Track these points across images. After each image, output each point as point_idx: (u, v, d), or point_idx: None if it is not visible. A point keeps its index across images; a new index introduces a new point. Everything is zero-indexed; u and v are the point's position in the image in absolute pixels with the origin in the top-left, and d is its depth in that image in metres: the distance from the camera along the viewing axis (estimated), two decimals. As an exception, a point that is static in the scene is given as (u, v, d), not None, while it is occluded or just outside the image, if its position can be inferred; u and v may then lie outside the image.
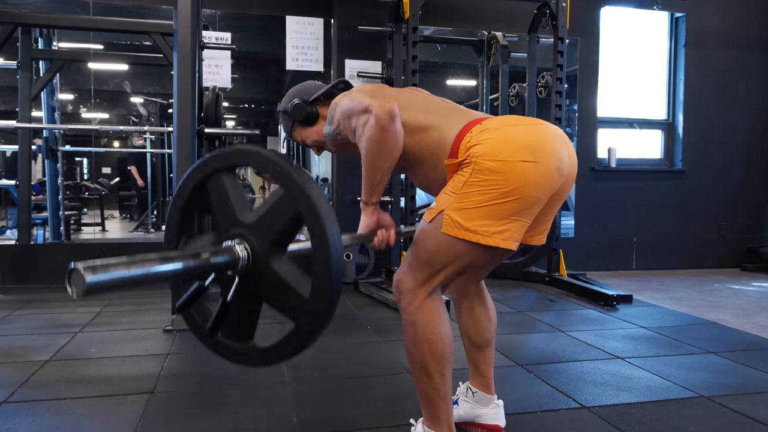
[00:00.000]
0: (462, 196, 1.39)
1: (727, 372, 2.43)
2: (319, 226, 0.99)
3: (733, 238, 5.44)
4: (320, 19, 4.53)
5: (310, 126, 1.71)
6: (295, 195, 1.01)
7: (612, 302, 3.67)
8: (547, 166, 1.38)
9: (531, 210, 1.41)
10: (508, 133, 1.40)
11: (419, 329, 1.46)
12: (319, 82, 1.76)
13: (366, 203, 1.49)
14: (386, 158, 1.41)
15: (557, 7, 4.18)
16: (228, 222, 1.11)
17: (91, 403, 2.01)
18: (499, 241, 1.39)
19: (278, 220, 1.05)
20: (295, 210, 1.02)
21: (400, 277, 1.51)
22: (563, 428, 1.85)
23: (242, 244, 1.07)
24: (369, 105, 1.39)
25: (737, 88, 5.37)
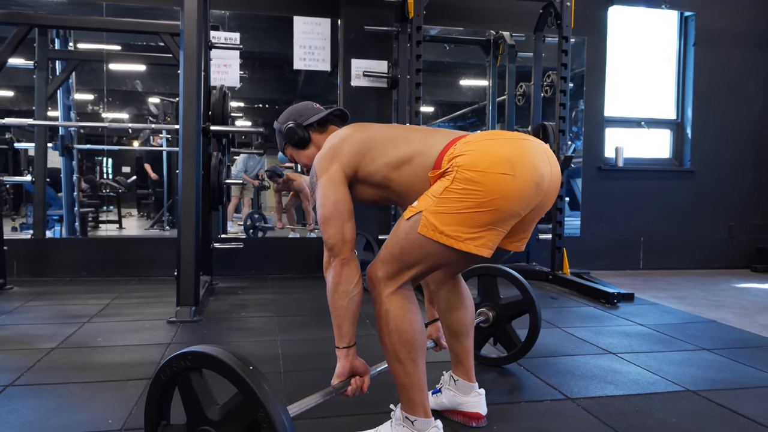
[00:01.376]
0: (441, 200, 1.44)
1: (717, 368, 2.44)
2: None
3: (743, 238, 5.39)
4: (327, 19, 4.60)
5: (302, 149, 1.78)
6: (251, 401, 1.11)
7: (613, 300, 3.68)
8: (525, 180, 1.42)
9: (506, 222, 1.46)
10: (489, 146, 1.45)
11: (390, 318, 1.52)
12: (318, 105, 1.82)
13: (338, 348, 1.55)
14: (344, 296, 1.51)
15: (562, 7, 4.19)
16: (197, 418, 1.22)
17: (91, 388, 2.09)
18: (471, 247, 1.44)
19: (239, 423, 1.15)
20: (254, 416, 1.12)
21: (374, 269, 1.57)
22: (545, 417, 1.89)
23: None
24: (332, 246, 1.51)
25: (747, 87, 5.33)
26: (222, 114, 3.79)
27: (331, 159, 1.58)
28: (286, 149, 1.82)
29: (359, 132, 1.64)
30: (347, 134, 1.63)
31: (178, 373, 1.24)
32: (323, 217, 1.54)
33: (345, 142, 1.60)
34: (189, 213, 3.20)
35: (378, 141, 1.60)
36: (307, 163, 1.80)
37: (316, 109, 1.80)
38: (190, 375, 1.23)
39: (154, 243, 4.85)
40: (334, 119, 1.80)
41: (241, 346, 2.67)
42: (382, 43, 4.62)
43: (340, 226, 1.53)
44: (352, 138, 1.61)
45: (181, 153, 3.22)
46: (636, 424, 1.83)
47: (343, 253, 1.52)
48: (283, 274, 4.59)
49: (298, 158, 1.81)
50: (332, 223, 1.53)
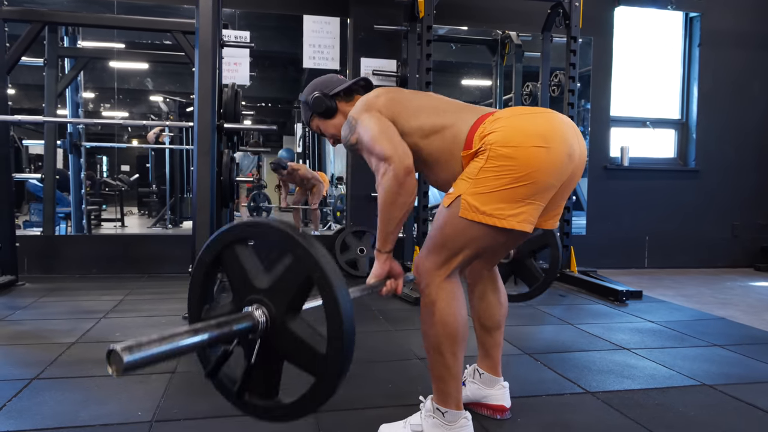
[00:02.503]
0: (478, 181, 1.46)
1: (731, 363, 2.47)
2: (328, 288, 1.08)
3: (747, 237, 5.44)
4: (337, 18, 4.63)
5: (329, 119, 1.78)
6: (304, 261, 1.10)
7: (621, 298, 3.71)
8: (558, 151, 1.45)
9: (544, 194, 1.48)
10: (520, 121, 1.48)
11: (437, 309, 1.54)
12: (341, 77, 1.84)
13: (380, 251, 1.56)
14: (401, 209, 1.49)
15: (570, 7, 4.22)
16: (245, 289, 1.20)
17: (116, 381, 2.11)
18: (514, 223, 1.46)
19: (291, 284, 1.15)
20: (306, 275, 1.12)
21: (420, 261, 1.58)
22: (566, 410, 1.92)
23: (260, 308, 1.16)
24: (389, 156, 1.47)
25: (752, 88, 5.37)
26: (234, 112, 3.81)
27: (368, 108, 1.60)
28: (312, 120, 1.82)
29: (393, 93, 1.67)
30: (380, 92, 1.66)
31: (223, 250, 1.22)
32: (372, 139, 1.53)
33: (379, 98, 1.63)
34: (204, 209, 3.22)
35: (414, 106, 1.63)
36: (334, 133, 1.80)
37: (341, 80, 1.81)
38: (236, 249, 1.22)
39: (163, 240, 4.87)
40: (359, 89, 1.81)
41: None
42: (392, 42, 4.65)
43: (389, 140, 1.52)
44: (387, 95, 1.64)
45: (196, 150, 3.24)
46: (657, 416, 1.86)
47: (405, 161, 1.49)
48: (292, 272, 4.61)
49: (324, 128, 1.81)
50: (384, 140, 1.52)
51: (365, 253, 4.53)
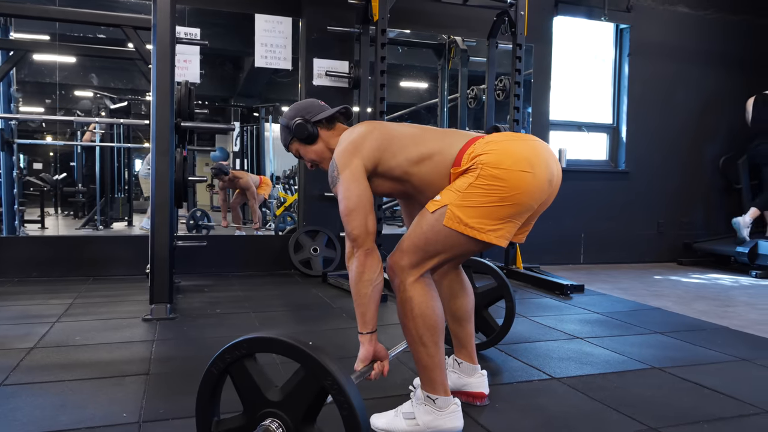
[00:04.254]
0: (466, 195, 1.57)
1: (673, 348, 2.71)
2: (344, 397, 1.16)
3: (671, 234, 5.87)
4: (289, 18, 4.63)
5: (309, 145, 1.84)
6: (317, 373, 1.18)
7: (566, 291, 3.95)
8: (541, 176, 1.58)
9: (523, 215, 1.62)
10: (511, 146, 1.60)
11: (414, 304, 1.62)
12: (322, 103, 1.90)
13: (362, 333, 1.63)
14: (368, 285, 1.59)
15: (516, 15, 4.43)
16: (257, 402, 1.26)
17: (90, 384, 2.07)
18: (492, 238, 1.58)
19: (305, 396, 1.22)
20: (320, 386, 1.19)
21: (395, 259, 1.67)
22: (538, 395, 2.06)
23: (275, 422, 1.23)
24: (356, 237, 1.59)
25: (676, 96, 5.81)
26: (188, 110, 3.75)
27: (352, 154, 1.67)
28: (292, 144, 1.88)
29: (378, 129, 1.73)
30: (367, 131, 1.72)
31: (231, 364, 1.28)
32: (347, 210, 1.63)
33: (366, 138, 1.69)
34: (163, 209, 3.17)
35: (398, 138, 1.71)
36: (314, 159, 1.87)
37: (323, 106, 1.87)
38: (245, 363, 1.28)
39: (106, 242, 4.70)
40: (339, 116, 1.88)
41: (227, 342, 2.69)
42: (344, 43, 4.70)
43: (363, 217, 1.62)
44: (373, 134, 1.71)
45: (154, 150, 3.18)
46: (618, 397, 2.03)
47: (366, 244, 1.61)
48: (246, 272, 4.58)
49: (304, 153, 1.87)
50: (356, 215, 1.62)
51: (319, 252, 4.56)
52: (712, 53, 5.88)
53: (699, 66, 5.85)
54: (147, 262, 4.25)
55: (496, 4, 4.41)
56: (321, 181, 4.70)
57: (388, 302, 3.55)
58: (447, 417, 1.65)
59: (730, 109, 5.78)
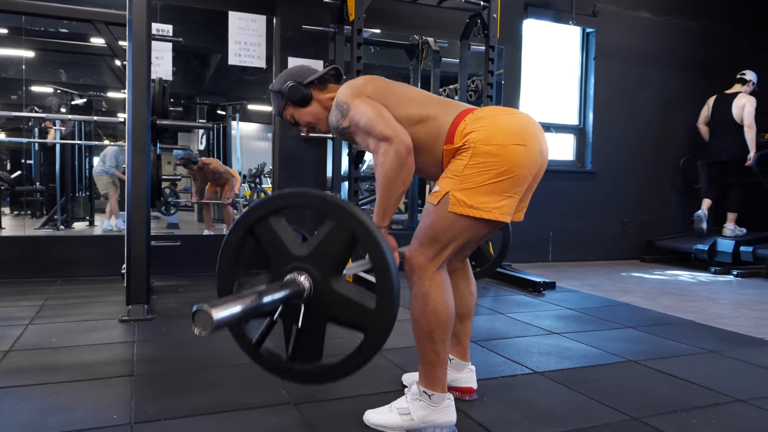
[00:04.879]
0: (464, 177, 1.60)
1: (645, 341, 2.81)
2: (375, 244, 1.15)
3: (634, 232, 6.07)
4: (263, 16, 4.60)
5: (303, 107, 1.85)
6: (348, 222, 1.15)
7: (539, 288, 4.04)
8: (533, 148, 1.63)
9: (521, 187, 1.65)
10: (501, 121, 1.64)
11: (430, 299, 1.65)
12: (311, 66, 1.91)
13: (379, 226, 1.61)
14: (402, 184, 1.59)
15: (489, 18, 4.50)
16: (284, 258, 1.23)
17: (75, 387, 2.03)
18: (497, 215, 1.62)
19: (334, 247, 1.19)
20: (350, 235, 1.16)
21: (412, 255, 1.68)
22: (524, 389, 2.12)
23: (302, 274, 1.20)
24: (390, 136, 1.56)
25: (640, 99, 6.00)
26: (162, 107, 3.69)
27: (358, 93, 1.68)
28: (286, 109, 1.87)
29: (378, 81, 1.76)
30: (369, 81, 1.74)
31: (256, 223, 1.23)
32: (369, 120, 1.61)
33: (366, 86, 1.72)
34: (140, 208, 3.12)
35: (397, 93, 1.73)
36: (309, 120, 1.87)
37: (312, 69, 1.88)
38: (270, 220, 1.24)
39: (74, 242, 4.59)
40: (330, 78, 1.89)
41: (213, 342, 2.67)
42: (319, 42, 4.70)
43: (387, 122, 1.61)
44: (375, 85, 1.73)
45: (130, 148, 3.12)
46: (600, 389, 2.11)
47: (405, 139, 1.58)
48: (219, 272, 4.52)
49: (299, 116, 1.87)
50: (380, 122, 1.60)
51: (294, 251, 4.55)
52: (674, 57, 6.10)
53: (661, 69, 6.06)
54: (117, 262, 4.20)
55: (469, 7, 4.48)
56: (295, 179, 4.68)
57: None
58: (441, 412, 1.69)
59: (690, 111, 5.99)
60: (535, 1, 5.50)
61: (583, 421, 1.82)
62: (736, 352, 2.66)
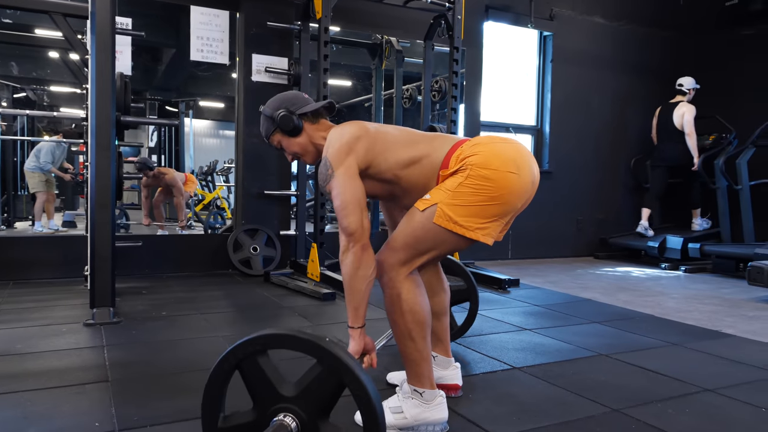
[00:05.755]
0: (456, 194, 1.63)
1: (612, 336, 2.92)
2: (363, 392, 1.18)
3: (588, 230, 6.28)
4: (226, 11, 4.51)
5: (293, 137, 1.83)
6: (336, 368, 1.19)
7: (504, 286, 4.14)
8: (526, 178, 1.67)
9: (508, 214, 1.69)
10: (498, 148, 1.67)
11: (404, 301, 1.67)
12: (305, 95, 1.88)
13: (353, 327, 1.65)
14: (362, 281, 1.61)
15: (453, 19, 4.56)
16: (270, 398, 1.26)
17: (49, 394, 1.95)
18: (480, 236, 1.65)
19: (322, 391, 1.23)
20: (338, 380, 1.20)
21: (385, 257, 1.70)
22: (505, 384, 2.16)
23: (288, 416, 1.23)
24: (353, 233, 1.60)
25: (594, 101, 6.21)
26: (124, 103, 3.58)
27: (347, 153, 1.68)
28: (274, 135, 1.85)
29: (369, 131, 1.75)
30: (359, 132, 1.73)
31: (243, 360, 1.26)
32: (343, 205, 1.63)
33: (358, 140, 1.71)
34: (104, 206, 3.01)
35: (390, 141, 1.75)
36: (297, 151, 1.86)
37: (307, 99, 1.86)
38: (258, 358, 1.27)
39: (24, 243, 4.38)
40: (323, 111, 1.88)
41: (187, 345, 2.62)
42: (284, 39, 4.65)
43: (359, 213, 1.63)
44: (365, 136, 1.73)
45: (94, 145, 3.01)
46: (578, 383, 2.18)
47: (363, 239, 1.62)
48: (181, 273, 4.42)
49: (287, 145, 1.85)
50: (352, 211, 1.63)
51: (259, 251, 4.49)
52: (626, 62, 6.34)
53: (615, 73, 6.29)
54: (73, 263, 4.06)
55: (434, 8, 4.52)
56: (260, 179, 4.62)
57: (337, 300, 3.58)
58: (434, 409, 1.71)
59: (641, 113, 6.25)
60: (495, 3, 5.61)
61: (567, 414, 1.87)
62: (696, 344, 2.79)
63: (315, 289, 3.68)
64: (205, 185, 9.19)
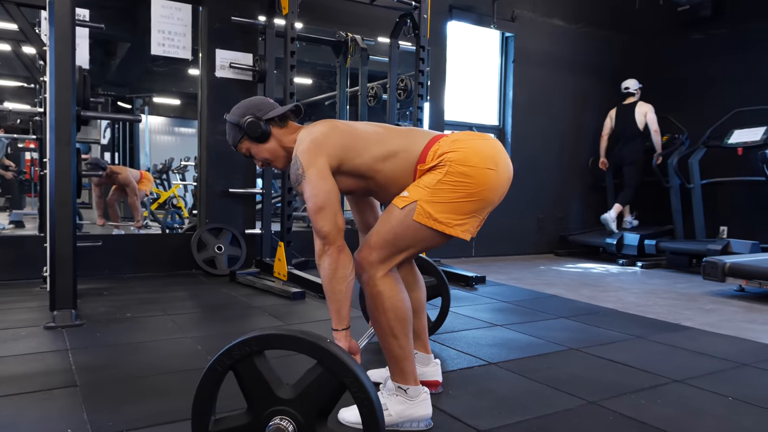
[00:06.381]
0: (435, 191, 1.64)
1: (580, 330, 2.99)
2: (365, 394, 1.17)
3: (549, 229, 6.41)
4: (188, 5, 4.40)
5: (261, 143, 1.79)
6: (337, 369, 1.17)
7: (471, 283, 4.18)
8: (503, 174, 1.69)
9: (486, 210, 1.71)
10: (476, 145, 1.69)
11: (385, 298, 1.67)
12: (271, 100, 1.85)
13: (336, 330, 1.63)
14: (341, 282, 1.60)
15: (419, 18, 4.58)
16: (265, 400, 1.22)
17: (13, 401, 1.86)
18: (458, 231, 1.67)
19: (321, 393, 1.20)
20: (339, 382, 1.18)
21: (364, 255, 1.69)
22: (483, 380, 2.18)
23: (285, 419, 1.21)
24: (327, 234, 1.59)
25: (554, 101, 6.34)
26: (83, 97, 3.44)
27: (316, 152, 1.66)
28: (242, 143, 1.81)
29: (340, 128, 1.74)
30: (329, 129, 1.72)
31: (239, 361, 1.23)
32: (316, 207, 1.62)
33: (328, 137, 1.70)
34: (65, 204, 2.89)
35: (361, 137, 1.74)
36: (267, 157, 1.83)
37: (273, 104, 1.83)
38: (254, 360, 1.23)
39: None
40: (290, 114, 1.86)
41: (155, 347, 2.54)
42: (248, 35, 4.57)
43: (333, 215, 1.63)
44: (335, 132, 1.72)
45: (53, 140, 2.89)
46: (554, 377, 2.21)
47: (338, 241, 1.62)
48: (143, 273, 4.29)
49: (256, 152, 1.82)
50: (326, 213, 1.62)
51: (223, 250, 4.40)
52: (585, 63, 6.49)
53: (574, 74, 6.43)
54: (26, 264, 3.90)
55: (401, 6, 4.53)
56: (224, 177, 4.53)
57: (307, 299, 3.54)
58: (418, 405, 1.71)
59: (599, 114, 6.41)
60: (458, 3, 5.66)
61: (546, 408, 1.90)
62: (659, 336, 2.89)
63: (284, 288, 3.63)
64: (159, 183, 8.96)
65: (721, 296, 4.07)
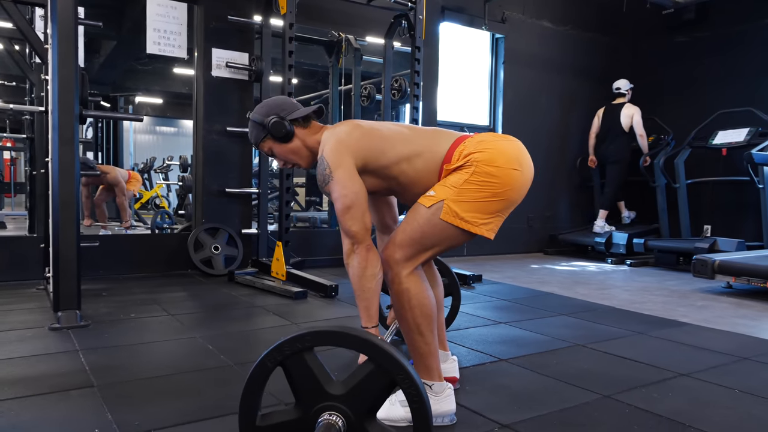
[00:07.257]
0: (462, 191, 1.67)
1: (582, 327, 3.05)
2: (416, 390, 1.18)
3: (538, 228, 6.50)
4: (184, 3, 4.37)
5: (285, 143, 1.82)
6: (388, 366, 1.18)
7: (469, 281, 4.23)
8: (527, 175, 1.74)
9: (509, 209, 1.76)
10: (502, 146, 1.73)
11: (412, 296, 1.70)
12: (293, 99, 1.88)
13: (366, 328, 1.66)
14: (371, 279, 1.64)
15: (415, 19, 4.61)
16: (315, 396, 1.23)
17: (33, 402, 1.84)
18: (484, 231, 1.71)
19: (372, 389, 1.21)
20: (389, 379, 1.19)
21: (390, 253, 1.72)
22: (497, 376, 2.22)
23: (333, 415, 1.22)
24: (355, 234, 1.63)
25: (543, 102, 6.43)
26: (82, 97, 3.40)
27: (343, 152, 1.69)
28: (265, 142, 1.84)
29: (365, 128, 1.77)
30: (354, 129, 1.75)
31: (289, 357, 1.24)
32: (345, 207, 1.65)
33: (353, 137, 1.73)
34: (69, 204, 2.86)
35: (385, 137, 1.77)
36: (290, 157, 1.86)
37: (296, 104, 1.86)
38: (305, 356, 1.24)
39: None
40: (312, 115, 1.88)
41: (166, 347, 2.53)
42: (244, 34, 4.56)
43: (361, 214, 1.66)
44: (359, 132, 1.75)
45: (56, 139, 2.85)
46: (564, 372, 2.26)
47: (366, 240, 1.65)
48: (139, 273, 4.26)
49: (279, 152, 1.84)
50: (355, 212, 1.65)
51: (220, 250, 4.39)
52: (573, 65, 6.60)
53: (562, 75, 6.53)
54: (19, 265, 3.84)
55: (397, 7, 4.56)
56: (220, 176, 4.52)
57: (308, 299, 3.55)
58: (443, 401, 1.74)
59: (586, 114, 6.52)
60: (450, 5, 5.71)
61: (562, 402, 1.95)
62: (659, 332, 2.96)
63: (286, 288, 3.63)
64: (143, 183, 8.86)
65: (710, 293, 4.18)
